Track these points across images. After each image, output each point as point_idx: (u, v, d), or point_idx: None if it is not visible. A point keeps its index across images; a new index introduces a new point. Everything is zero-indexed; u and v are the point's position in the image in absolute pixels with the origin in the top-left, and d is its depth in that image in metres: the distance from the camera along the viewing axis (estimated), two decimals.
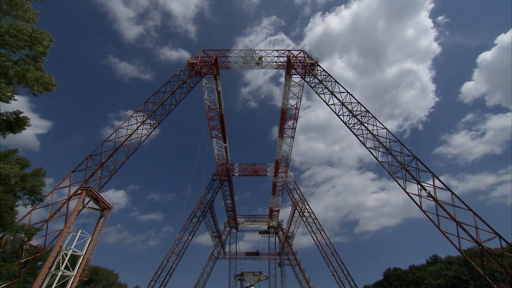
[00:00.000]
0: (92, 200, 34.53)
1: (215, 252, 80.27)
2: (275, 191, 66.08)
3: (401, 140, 41.62)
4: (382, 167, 43.15)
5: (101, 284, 57.96)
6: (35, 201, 26.76)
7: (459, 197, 34.82)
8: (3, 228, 23.63)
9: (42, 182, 27.09)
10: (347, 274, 55.45)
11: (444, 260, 67.47)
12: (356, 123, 45.16)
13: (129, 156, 41.73)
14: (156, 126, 48.00)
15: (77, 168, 35.68)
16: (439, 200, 35.64)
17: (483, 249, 31.06)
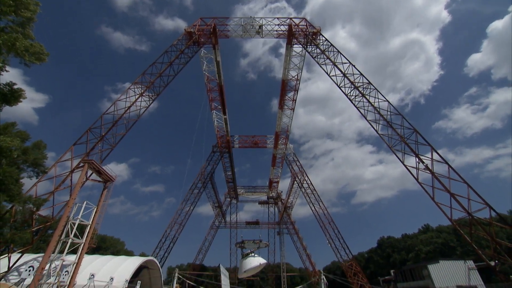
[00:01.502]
0: (94, 172, 35.17)
1: (216, 221, 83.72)
2: (275, 163, 67.06)
3: (402, 113, 41.33)
4: (382, 140, 43.44)
5: (109, 251, 61.44)
6: (39, 174, 27.25)
7: (455, 170, 35.58)
8: (11, 199, 24.39)
9: (44, 155, 27.35)
10: (343, 242, 58.51)
11: (435, 229, 70.78)
12: (358, 95, 44.52)
13: (128, 129, 41.69)
14: (155, 98, 47.27)
15: (77, 141, 35.85)
16: (436, 172, 36.43)
17: (473, 219, 32.45)
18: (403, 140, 40.21)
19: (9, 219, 27.82)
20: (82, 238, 30.45)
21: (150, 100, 46.13)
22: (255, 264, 26.15)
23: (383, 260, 73.17)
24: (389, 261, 70.28)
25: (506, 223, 31.85)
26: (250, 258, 26.91)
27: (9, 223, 27.96)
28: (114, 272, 32.57)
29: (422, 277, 41.91)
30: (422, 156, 38.49)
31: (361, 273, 54.66)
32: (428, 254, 59.43)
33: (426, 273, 40.16)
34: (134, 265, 37.05)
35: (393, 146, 42.19)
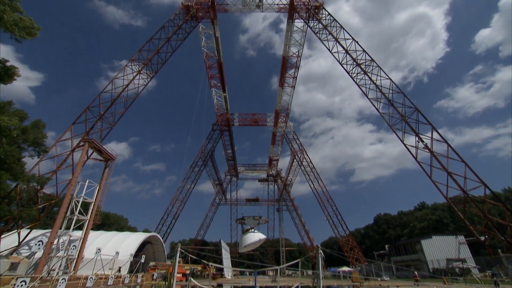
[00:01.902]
0: (95, 151, 35.42)
1: (216, 199, 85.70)
2: (275, 141, 67.25)
3: (404, 92, 40.75)
4: (382, 118, 43.24)
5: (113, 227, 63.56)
6: (40, 153, 27.45)
7: (454, 149, 35.79)
8: (15, 177, 24.81)
9: (44, 134, 27.37)
10: (340, 219, 60.34)
11: (430, 206, 72.62)
12: (360, 72, 43.61)
13: (127, 107, 41.35)
14: (153, 76, 46.33)
15: (76, 120, 35.67)
16: (435, 152, 36.68)
17: (467, 197, 33.22)
18: (403, 119, 40.04)
19: (15, 197, 28.53)
20: (87, 215, 31.43)
21: (148, 78, 45.27)
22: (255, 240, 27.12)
23: (379, 236, 75.94)
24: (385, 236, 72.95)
25: (499, 200, 32.64)
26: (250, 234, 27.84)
27: (16, 200, 28.74)
28: (119, 247, 34.00)
29: (415, 251, 43.78)
30: (422, 135, 38.55)
31: (357, 248, 56.99)
32: (422, 230, 61.54)
33: (419, 247, 41.91)
34: (138, 240, 38.59)
35: (393, 124, 42.08)
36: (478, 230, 34.11)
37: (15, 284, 15.31)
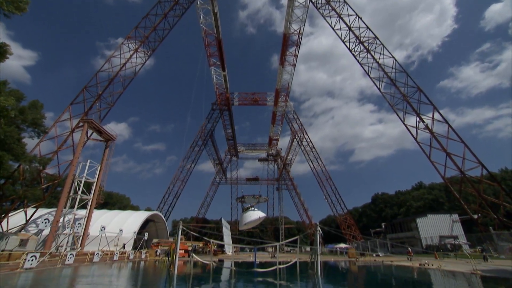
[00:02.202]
0: (95, 132, 35.40)
1: (217, 178, 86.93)
2: (275, 120, 66.86)
3: (407, 71, 39.85)
4: (384, 98, 42.70)
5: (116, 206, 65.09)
6: (40, 134, 27.47)
7: (454, 130, 35.66)
8: (16, 158, 25.04)
9: (42, 115, 27.22)
10: (339, 198, 61.55)
11: (427, 186, 73.68)
12: (362, 50, 42.36)
13: (125, 87, 40.72)
14: (151, 55, 45.12)
15: (74, 100, 35.28)
16: (435, 132, 36.58)
17: (464, 177, 33.65)
18: (405, 99, 39.52)
19: (18, 177, 28.99)
20: (90, 194, 32.12)
21: (146, 56, 44.12)
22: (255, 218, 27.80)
23: (376, 215, 77.91)
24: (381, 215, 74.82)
25: (495, 180, 33.06)
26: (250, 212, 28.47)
27: (20, 181, 29.24)
28: (123, 225, 35.10)
29: (410, 229, 45.16)
30: (423, 116, 38.25)
31: (354, 226, 58.72)
32: (418, 209, 62.96)
33: (414, 225, 43.18)
34: (141, 218, 39.75)
35: (395, 104, 41.62)
36: (472, 208, 34.92)
37: (26, 259, 16.00)
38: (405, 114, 40.34)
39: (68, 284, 11.56)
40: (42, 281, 12.19)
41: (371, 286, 12.74)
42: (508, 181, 55.21)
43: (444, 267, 18.60)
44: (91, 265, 20.04)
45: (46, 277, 13.38)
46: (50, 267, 17.64)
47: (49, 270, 16.23)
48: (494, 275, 14.21)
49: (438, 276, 15.08)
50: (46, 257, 19.95)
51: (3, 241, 25.00)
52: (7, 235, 26.12)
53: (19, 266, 15.96)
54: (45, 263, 18.83)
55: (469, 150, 33.78)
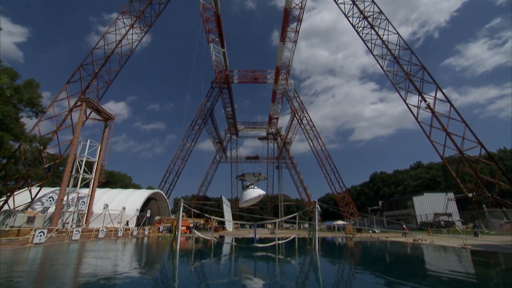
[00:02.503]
0: (93, 111, 35.15)
1: (217, 156, 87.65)
2: (275, 98, 66.09)
3: (411, 48, 38.72)
4: (386, 76, 41.93)
5: (118, 185, 66.17)
6: (38, 114, 27.30)
7: (456, 109, 35.37)
8: (16, 138, 25.09)
9: (39, 94, 26.87)
10: (338, 176, 62.49)
11: (425, 166, 74.41)
12: (366, 26, 40.90)
13: (122, 65, 39.81)
14: (147, 31, 43.59)
15: (70, 79, 34.61)
16: (436, 112, 36.33)
17: (463, 156, 33.95)
18: (408, 77, 38.80)
19: (20, 157, 29.25)
20: (91, 173, 32.59)
21: (142, 33, 42.65)
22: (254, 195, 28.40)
23: (374, 193, 79.48)
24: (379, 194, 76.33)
25: (493, 160, 33.38)
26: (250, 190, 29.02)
27: (21, 160, 29.54)
28: (125, 203, 35.97)
29: (406, 207, 46.34)
30: (425, 95, 37.79)
31: (352, 204, 60.20)
32: (415, 188, 64.11)
33: (410, 203, 44.24)
34: (143, 196, 40.65)
35: (397, 83, 40.94)
36: (468, 187, 35.60)
37: (35, 235, 16.62)
38: (407, 93, 39.84)
39: (78, 257, 12.10)
40: (52, 255, 12.77)
41: (366, 260, 13.33)
42: (506, 161, 55.78)
43: (437, 242, 19.33)
44: (97, 241, 20.83)
45: (55, 251, 13.99)
46: (58, 242, 18.36)
47: (57, 245, 16.91)
48: (483, 250, 14.82)
49: (430, 250, 15.74)
50: (54, 233, 20.68)
51: (11, 218, 25.82)
52: (14, 213, 26.92)
53: (28, 241, 16.60)
54: (53, 239, 19.57)
55: (470, 130, 33.76)
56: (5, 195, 29.05)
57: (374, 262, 12.44)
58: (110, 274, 8.18)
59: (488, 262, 11.52)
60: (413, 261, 12.71)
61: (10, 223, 25.17)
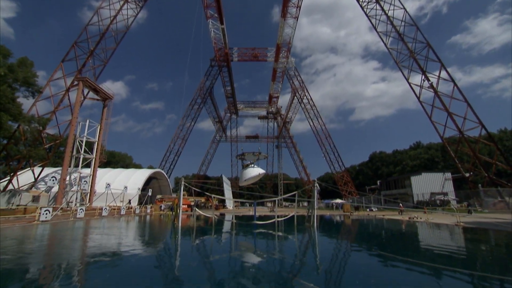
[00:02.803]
0: (91, 90, 34.64)
1: (217, 136, 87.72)
2: (275, 77, 64.91)
3: (417, 24, 37.41)
4: (390, 54, 40.91)
5: (119, 165, 66.70)
6: (34, 93, 26.95)
7: (459, 89, 34.89)
8: (15, 118, 25.00)
9: (34, 73, 26.37)
10: (337, 156, 62.93)
11: (425, 146, 74.60)
12: (371, 1, 39.31)
13: (118, 42, 38.66)
14: (143, 6, 41.88)
15: (65, 57, 33.73)
16: (439, 91, 35.85)
17: (463, 137, 34.01)
18: (412, 55, 37.86)
19: (20, 137, 29.29)
20: (92, 153, 32.81)
21: (137, 8, 40.99)
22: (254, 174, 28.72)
23: (372, 173, 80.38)
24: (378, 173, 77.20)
25: (492, 140, 33.48)
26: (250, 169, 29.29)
27: (22, 141, 29.62)
28: (127, 182, 36.57)
29: (404, 186, 47.12)
30: (428, 74, 37.10)
31: (351, 183, 61.17)
32: (414, 168, 64.72)
33: (408, 183, 44.93)
34: (144, 176, 41.24)
35: (400, 61, 40.02)
36: (466, 167, 36.02)
37: (41, 213, 17.10)
38: (410, 72, 39.07)
39: (84, 234, 12.54)
40: (59, 231, 13.23)
41: (362, 236, 13.83)
42: (505, 141, 55.88)
43: (431, 220, 19.92)
44: (101, 219, 21.44)
45: (62, 228, 14.46)
46: (63, 220, 18.92)
47: (63, 223, 17.44)
48: (475, 226, 15.33)
49: (424, 227, 16.27)
50: (59, 212, 21.24)
51: (17, 197, 26.39)
52: (19, 192, 27.47)
53: (35, 219, 17.09)
54: (58, 217, 20.14)
55: (472, 110, 33.53)
56: (9, 175, 29.48)
57: (370, 239, 12.91)
58: (116, 249, 8.52)
59: (478, 238, 11.96)
60: (407, 237, 13.19)
61: (16, 202, 25.78)
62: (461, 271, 5.65)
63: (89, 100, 37.23)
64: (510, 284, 4.91)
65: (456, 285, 4.89)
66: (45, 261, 6.90)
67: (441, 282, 5.12)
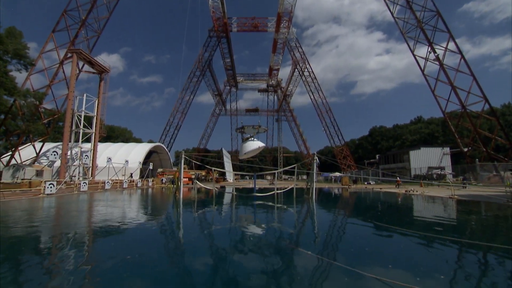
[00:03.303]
0: (86, 63, 33.60)
1: (216, 109, 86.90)
2: (276, 48, 62.61)
3: None
4: (396, 25, 39.15)
5: (119, 139, 66.71)
6: (27, 66, 26.20)
7: (466, 62, 33.86)
8: (10, 93, 24.57)
9: (24, 45, 25.42)
10: (337, 130, 62.81)
11: (426, 120, 74.07)
12: None
13: (111, 11, 36.78)
14: None
15: (56, 27, 32.26)
16: (444, 64, 34.81)
17: (465, 111, 33.69)
18: (419, 25, 36.22)
19: (17, 112, 28.99)
20: (91, 128, 32.70)
21: None
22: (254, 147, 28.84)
23: (372, 147, 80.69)
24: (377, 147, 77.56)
25: (494, 115, 33.24)
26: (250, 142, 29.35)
27: (19, 116, 29.36)
28: (128, 156, 36.92)
29: (402, 161, 47.63)
30: (435, 46, 35.79)
31: (350, 157, 61.75)
32: (413, 142, 64.82)
33: (406, 157, 45.33)
34: (144, 150, 41.52)
35: (406, 32, 38.38)
36: (465, 142, 36.17)
37: (45, 187, 17.51)
38: (416, 44, 37.64)
39: (89, 206, 12.95)
40: (65, 204, 13.65)
41: (358, 208, 14.30)
42: (507, 116, 55.48)
43: (427, 193, 20.45)
44: (104, 192, 22.00)
45: (67, 201, 14.90)
46: (68, 193, 19.43)
47: (67, 196, 17.93)
48: (468, 199, 15.79)
49: (420, 199, 16.75)
50: (63, 185, 21.72)
51: (21, 171, 26.82)
52: (23, 166, 27.85)
53: (40, 192, 17.54)
54: (63, 190, 20.65)
55: (477, 84, 32.80)
56: (10, 150, 29.69)
57: (366, 210, 13.35)
58: (121, 220, 8.86)
59: (470, 210, 12.37)
60: (402, 209, 13.63)
61: (20, 176, 26.26)
62: (451, 239, 5.91)
63: (85, 74, 36.33)
64: (495, 250, 5.18)
65: (445, 252, 5.14)
66: (55, 230, 7.22)
67: (431, 249, 5.38)
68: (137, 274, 3.78)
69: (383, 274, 3.58)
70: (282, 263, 4.49)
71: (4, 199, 14.15)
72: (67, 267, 4.07)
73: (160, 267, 4.15)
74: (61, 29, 32.34)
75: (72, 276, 3.64)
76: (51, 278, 3.70)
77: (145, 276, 3.69)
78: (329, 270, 4.00)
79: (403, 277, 3.56)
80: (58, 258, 4.58)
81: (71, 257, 4.61)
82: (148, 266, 4.14)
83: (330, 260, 4.37)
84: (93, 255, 4.99)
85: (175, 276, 3.83)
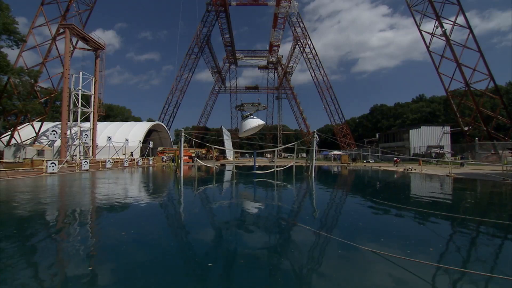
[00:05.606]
0: (80, 39, 32.45)
1: (216, 87, 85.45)
2: (276, 23, 60.17)
3: None
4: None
5: (118, 118, 66.14)
6: (18, 43, 25.32)
7: (474, 37, 32.66)
8: (2, 70, 23.97)
9: (13, 19, 24.38)
10: (338, 108, 62.27)
11: (428, 99, 72.88)
12: None
13: None
14: None
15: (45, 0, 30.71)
16: (451, 40, 33.65)
17: (469, 89, 33.07)
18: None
19: (12, 91, 28.45)
20: (90, 107, 32.32)
21: None
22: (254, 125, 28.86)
23: (372, 125, 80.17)
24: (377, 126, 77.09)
25: (498, 93, 32.67)
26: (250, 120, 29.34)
27: (15, 95, 28.84)
28: (127, 135, 36.90)
29: (402, 139, 47.63)
30: (442, 20, 34.37)
31: (350, 135, 61.79)
32: (414, 121, 64.30)
33: (406, 136, 45.30)
34: (144, 128, 41.40)
35: (413, 5, 36.70)
36: (466, 121, 35.93)
37: (47, 166, 17.69)
38: (422, 18, 36.13)
39: (92, 184, 13.16)
40: (68, 182, 13.87)
41: (356, 185, 14.55)
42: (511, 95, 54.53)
43: (425, 171, 20.71)
44: (105, 171, 22.25)
45: (70, 179, 15.12)
46: (70, 172, 19.67)
47: (70, 174, 18.16)
48: (465, 177, 16.05)
49: (417, 177, 17.01)
50: (64, 164, 21.92)
51: (22, 151, 26.93)
52: (24, 146, 27.91)
53: (43, 171, 17.74)
54: (64, 169, 20.88)
55: (484, 61, 31.89)
56: (9, 130, 29.56)
57: (364, 187, 13.60)
58: (124, 197, 9.03)
59: (466, 187, 12.61)
60: (399, 186, 13.88)
61: (22, 156, 26.41)
62: (444, 215, 6.08)
63: (80, 51, 35.24)
64: (486, 225, 5.35)
65: (437, 226, 5.32)
66: (60, 207, 7.42)
67: (424, 224, 5.56)
68: (136, 248, 3.90)
69: (376, 247, 3.74)
70: (282, 237, 4.65)
71: (7, 178, 14.35)
72: (72, 242, 4.22)
73: (161, 241, 4.30)
74: (51, 2, 30.82)
75: (79, 248, 3.79)
76: (57, 252, 3.85)
77: (145, 251, 3.82)
78: (326, 244, 4.15)
79: (394, 249, 3.72)
80: (65, 233, 4.74)
81: (77, 231, 4.77)
82: (148, 241, 4.29)
83: (328, 234, 4.51)
84: (97, 230, 5.15)
85: (178, 250, 3.97)
